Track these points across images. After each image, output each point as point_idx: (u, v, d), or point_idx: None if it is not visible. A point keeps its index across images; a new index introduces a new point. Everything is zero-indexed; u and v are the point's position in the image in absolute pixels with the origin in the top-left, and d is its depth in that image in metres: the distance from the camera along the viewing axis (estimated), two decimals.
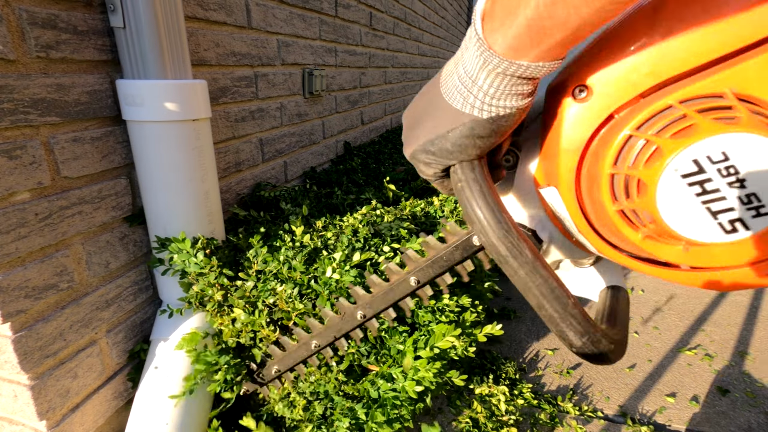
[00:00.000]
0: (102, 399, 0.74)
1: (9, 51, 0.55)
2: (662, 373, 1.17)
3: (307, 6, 1.24)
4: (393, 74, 2.22)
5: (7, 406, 0.65)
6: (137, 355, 0.80)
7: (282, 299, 0.71)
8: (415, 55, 2.64)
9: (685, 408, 1.06)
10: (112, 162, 0.71)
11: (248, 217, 0.94)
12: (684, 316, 1.45)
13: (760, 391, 1.11)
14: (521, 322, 1.38)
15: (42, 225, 0.61)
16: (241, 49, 0.97)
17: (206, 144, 0.75)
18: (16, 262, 0.59)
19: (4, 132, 0.56)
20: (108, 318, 0.74)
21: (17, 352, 0.60)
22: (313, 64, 1.31)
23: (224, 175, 0.97)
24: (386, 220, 0.90)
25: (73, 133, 0.64)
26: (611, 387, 1.12)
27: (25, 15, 0.56)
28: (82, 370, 0.70)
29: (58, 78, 0.61)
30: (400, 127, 2.35)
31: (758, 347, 1.29)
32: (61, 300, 0.65)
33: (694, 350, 1.27)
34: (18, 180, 0.57)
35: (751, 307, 1.51)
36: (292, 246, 0.77)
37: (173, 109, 0.68)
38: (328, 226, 0.87)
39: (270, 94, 1.11)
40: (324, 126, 1.44)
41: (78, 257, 0.67)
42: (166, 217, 0.73)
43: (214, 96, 0.90)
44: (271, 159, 1.15)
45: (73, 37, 0.62)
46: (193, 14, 0.82)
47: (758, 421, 1.02)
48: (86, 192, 0.67)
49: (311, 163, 1.38)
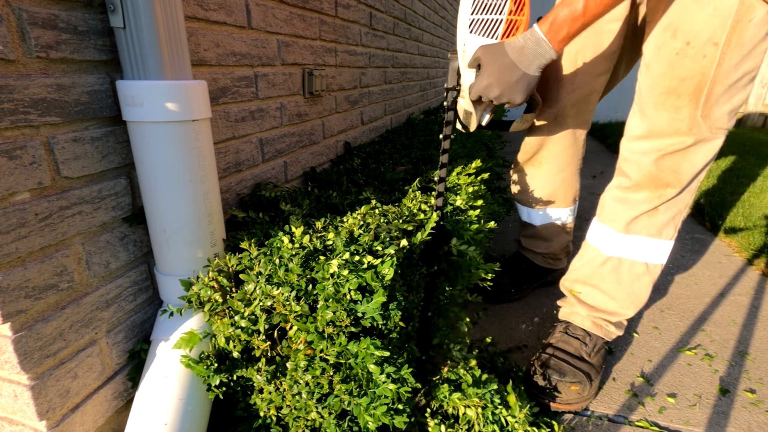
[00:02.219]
0: (102, 399, 0.74)
1: (9, 51, 0.55)
2: (662, 373, 1.17)
3: (307, 6, 1.24)
4: (393, 74, 2.22)
5: (7, 406, 0.65)
6: (137, 355, 0.80)
7: (279, 302, 0.71)
8: (415, 55, 2.64)
9: (685, 408, 1.06)
10: (112, 162, 0.71)
11: (247, 219, 0.94)
12: (684, 316, 1.45)
13: (760, 391, 1.11)
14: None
15: (42, 225, 0.61)
16: (241, 49, 0.97)
17: (206, 144, 0.75)
18: (16, 262, 0.59)
19: (4, 132, 0.56)
20: (108, 318, 0.74)
21: (17, 352, 0.60)
22: (313, 64, 1.31)
23: (224, 175, 0.97)
24: (386, 220, 0.90)
25: (73, 134, 0.64)
26: (611, 387, 1.12)
27: (25, 15, 0.56)
28: (82, 370, 0.70)
29: (58, 78, 0.61)
30: (401, 127, 2.35)
31: (758, 347, 1.29)
32: (61, 300, 0.65)
33: (694, 350, 1.27)
34: (18, 180, 0.57)
35: (751, 307, 1.51)
36: (290, 247, 0.77)
37: (173, 110, 0.68)
38: (328, 226, 0.87)
39: (270, 94, 1.11)
40: (324, 126, 1.44)
41: (78, 257, 0.67)
42: (166, 217, 0.73)
43: (214, 96, 0.90)
44: (271, 159, 1.15)
45: (73, 37, 0.62)
46: (193, 14, 0.82)
47: (758, 421, 1.02)
48: (86, 192, 0.67)
49: (311, 163, 1.38)
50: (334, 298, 0.69)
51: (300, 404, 0.74)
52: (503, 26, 0.87)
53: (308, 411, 0.74)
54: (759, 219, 2.24)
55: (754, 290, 1.62)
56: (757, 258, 1.86)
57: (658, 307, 1.50)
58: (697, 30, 0.85)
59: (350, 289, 0.68)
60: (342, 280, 0.69)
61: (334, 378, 0.71)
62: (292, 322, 0.72)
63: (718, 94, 0.88)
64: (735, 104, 0.90)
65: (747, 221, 2.21)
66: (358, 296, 0.69)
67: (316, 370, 0.71)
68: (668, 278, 1.71)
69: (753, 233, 2.05)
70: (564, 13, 0.79)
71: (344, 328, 0.69)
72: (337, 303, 0.69)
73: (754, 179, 3.01)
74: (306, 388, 0.72)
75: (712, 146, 0.93)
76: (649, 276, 1.07)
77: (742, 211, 2.36)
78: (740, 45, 0.83)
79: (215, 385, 0.75)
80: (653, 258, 1.06)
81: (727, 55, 0.84)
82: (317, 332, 0.70)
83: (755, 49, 0.85)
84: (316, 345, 0.70)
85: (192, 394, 0.75)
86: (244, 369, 0.76)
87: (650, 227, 1.02)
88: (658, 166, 0.96)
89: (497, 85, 0.85)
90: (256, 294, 0.73)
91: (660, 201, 0.99)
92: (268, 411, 0.78)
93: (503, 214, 2.07)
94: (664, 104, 0.92)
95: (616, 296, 1.09)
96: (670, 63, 0.89)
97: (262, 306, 0.73)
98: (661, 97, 0.92)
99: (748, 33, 0.82)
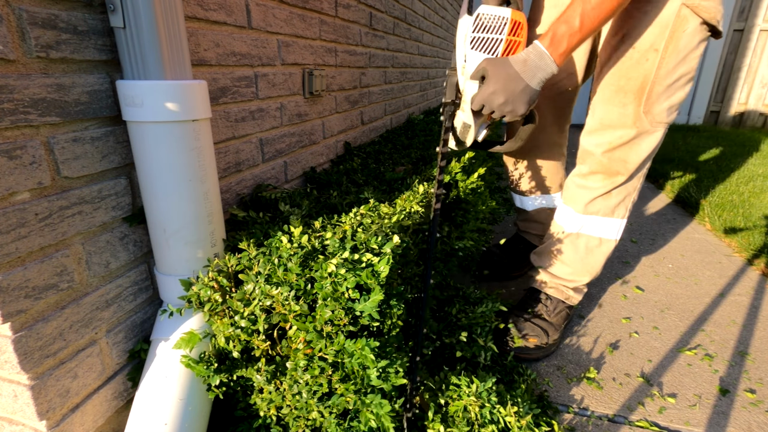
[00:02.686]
0: (102, 399, 0.75)
1: (9, 51, 0.55)
2: (662, 373, 1.17)
3: (307, 6, 1.24)
4: (393, 74, 2.22)
5: (7, 406, 0.65)
6: (137, 355, 0.80)
7: (278, 302, 0.71)
8: (415, 55, 2.64)
9: (685, 408, 1.06)
10: (112, 162, 0.71)
11: (247, 218, 0.95)
12: (684, 316, 1.45)
13: (760, 391, 1.11)
14: None
15: (42, 225, 0.61)
16: (241, 49, 0.97)
17: (206, 144, 0.75)
18: (16, 262, 0.59)
19: (4, 132, 0.56)
20: (108, 318, 0.74)
21: (17, 352, 0.60)
22: (313, 64, 1.31)
23: (224, 175, 0.97)
24: (381, 220, 0.90)
25: (73, 133, 0.64)
26: (611, 387, 1.12)
27: (25, 15, 0.56)
28: (82, 370, 0.70)
29: (58, 78, 0.61)
30: (401, 127, 2.35)
31: (758, 347, 1.29)
32: (61, 300, 0.65)
33: (694, 350, 1.27)
34: (18, 180, 0.58)
35: (751, 307, 1.51)
36: (289, 247, 0.77)
37: (173, 110, 0.68)
38: (327, 226, 0.87)
39: (270, 94, 1.11)
40: (324, 126, 1.45)
41: (78, 257, 0.67)
42: (166, 217, 0.73)
43: (214, 96, 0.90)
44: (271, 159, 1.15)
45: (73, 37, 0.62)
46: (193, 14, 0.82)
47: (758, 421, 1.02)
48: (86, 192, 0.67)
49: (311, 163, 1.38)
50: (332, 297, 0.69)
51: (300, 404, 0.74)
52: (503, 45, 0.91)
53: (309, 410, 0.74)
54: (759, 219, 2.24)
55: (754, 290, 1.62)
56: (757, 258, 1.86)
57: (658, 307, 1.50)
58: (641, 37, 0.99)
59: (348, 288, 0.68)
60: (340, 279, 0.69)
61: (333, 377, 0.71)
62: (291, 322, 0.72)
63: (658, 93, 1.02)
64: (673, 102, 1.04)
65: (747, 221, 2.21)
66: (356, 295, 0.69)
67: (315, 369, 0.71)
68: (668, 278, 1.71)
69: (753, 233, 2.05)
70: (563, 29, 0.86)
71: (343, 327, 0.69)
72: (336, 302, 0.69)
73: (754, 179, 3.00)
74: (306, 388, 0.72)
75: (654, 138, 1.08)
76: (603, 248, 1.24)
77: (742, 211, 2.36)
78: (676, 51, 0.98)
79: (215, 385, 0.75)
80: (607, 234, 1.22)
81: (665, 59, 0.99)
82: (316, 331, 0.70)
83: (689, 55, 0.99)
84: (315, 344, 0.70)
85: (192, 394, 0.75)
86: (244, 369, 0.76)
87: (605, 208, 1.19)
88: (609, 157, 1.12)
89: (503, 93, 0.88)
90: (255, 294, 0.73)
91: (612, 186, 1.15)
92: (268, 411, 0.78)
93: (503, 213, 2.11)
94: (614, 101, 1.07)
95: (574, 266, 1.26)
96: (619, 65, 1.04)
97: (261, 306, 0.73)
98: (611, 95, 1.07)
99: (683, 41, 0.97)
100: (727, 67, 5.72)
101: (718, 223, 2.23)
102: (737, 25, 5.51)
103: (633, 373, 1.17)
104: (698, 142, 4.47)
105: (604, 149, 1.11)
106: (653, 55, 0.99)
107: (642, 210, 2.55)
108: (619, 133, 1.08)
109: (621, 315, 1.45)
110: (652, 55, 0.99)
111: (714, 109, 5.96)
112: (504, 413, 0.84)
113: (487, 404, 0.84)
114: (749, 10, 5.41)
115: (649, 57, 0.99)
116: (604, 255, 1.25)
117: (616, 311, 1.47)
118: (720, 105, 5.92)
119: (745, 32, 5.50)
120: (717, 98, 5.91)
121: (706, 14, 0.95)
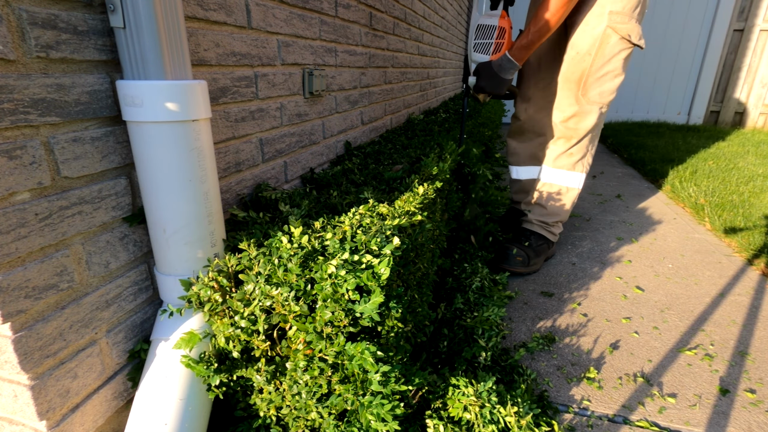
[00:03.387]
0: (102, 399, 0.75)
1: (9, 51, 0.55)
2: (662, 373, 1.17)
3: (307, 6, 1.24)
4: (393, 74, 2.22)
5: (7, 406, 0.65)
6: (137, 355, 0.80)
7: (278, 302, 0.71)
8: (415, 55, 2.64)
9: (685, 408, 1.06)
10: (112, 162, 0.71)
11: (247, 218, 0.95)
12: (684, 316, 1.45)
13: (760, 391, 1.11)
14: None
15: (42, 225, 0.61)
16: (241, 49, 0.97)
17: (206, 144, 0.75)
18: (16, 262, 0.59)
19: (4, 132, 0.56)
20: (108, 318, 0.74)
21: (17, 352, 0.60)
22: (313, 64, 1.31)
23: (224, 175, 0.97)
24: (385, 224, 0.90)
25: (73, 133, 0.64)
26: (611, 387, 1.12)
27: (25, 15, 0.56)
28: (82, 370, 0.70)
29: (58, 78, 0.61)
30: (401, 127, 2.35)
31: (758, 347, 1.29)
32: (61, 300, 0.65)
33: (694, 350, 1.27)
34: (18, 180, 0.58)
35: (751, 307, 1.51)
36: (289, 247, 0.77)
37: (173, 110, 0.68)
38: (326, 226, 0.87)
39: (270, 94, 1.11)
40: (324, 126, 1.44)
41: (78, 257, 0.67)
42: (166, 217, 0.73)
43: (214, 96, 0.90)
44: (271, 159, 1.15)
45: (73, 37, 0.62)
46: (193, 14, 0.82)
47: (758, 421, 1.02)
48: (86, 192, 0.67)
49: (311, 164, 1.38)
50: (332, 298, 0.69)
51: (300, 404, 0.74)
52: (492, 47, 1.51)
53: (308, 411, 0.74)
54: (759, 219, 2.24)
55: (754, 290, 1.62)
56: (757, 258, 1.86)
57: (658, 307, 1.50)
58: (582, 45, 1.49)
59: (348, 290, 0.68)
60: (340, 280, 0.69)
61: (332, 378, 0.71)
62: (291, 322, 0.72)
63: (591, 83, 1.53)
64: (603, 89, 1.53)
65: (747, 221, 2.21)
66: (356, 296, 0.69)
67: (315, 370, 0.71)
68: (668, 278, 1.71)
69: (753, 233, 2.05)
70: (521, 43, 1.44)
71: (343, 329, 0.69)
72: (336, 303, 0.69)
73: (754, 179, 3.00)
74: (306, 388, 0.72)
75: (592, 114, 1.58)
76: (568, 195, 1.75)
77: (742, 211, 2.36)
78: (603, 55, 1.48)
79: (215, 385, 0.75)
80: (570, 183, 1.73)
81: (595, 60, 1.49)
82: (316, 332, 0.70)
83: (613, 58, 1.48)
84: (315, 345, 0.70)
85: (192, 394, 0.75)
86: (243, 369, 0.76)
87: (568, 164, 1.70)
88: (565, 126, 1.63)
89: (487, 86, 1.55)
90: (255, 294, 0.73)
91: (569, 146, 1.66)
92: (267, 411, 0.78)
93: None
94: (564, 87, 1.59)
95: (549, 208, 1.77)
96: (568, 63, 1.54)
97: (261, 306, 0.73)
98: (563, 83, 1.58)
99: (608, 49, 1.46)
100: (727, 67, 5.72)
101: (718, 223, 2.23)
102: (737, 25, 5.51)
103: (633, 373, 1.17)
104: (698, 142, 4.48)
105: (560, 120, 1.62)
106: (588, 57, 1.49)
107: (642, 210, 2.55)
108: (569, 110, 1.59)
109: (621, 315, 1.45)
110: (588, 58, 1.49)
111: (714, 109, 5.96)
112: (504, 413, 0.84)
113: (487, 404, 0.84)
114: (749, 10, 5.41)
115: (586, 59, 1.49)
116: (570, 201, 1.75)
117: (616, 311, 1.47)
118: (720, 105, 5.92)
119: (745, 32, 5.50)
120: (717, 98, 5.90)
121: (623, 32, 1.42)
